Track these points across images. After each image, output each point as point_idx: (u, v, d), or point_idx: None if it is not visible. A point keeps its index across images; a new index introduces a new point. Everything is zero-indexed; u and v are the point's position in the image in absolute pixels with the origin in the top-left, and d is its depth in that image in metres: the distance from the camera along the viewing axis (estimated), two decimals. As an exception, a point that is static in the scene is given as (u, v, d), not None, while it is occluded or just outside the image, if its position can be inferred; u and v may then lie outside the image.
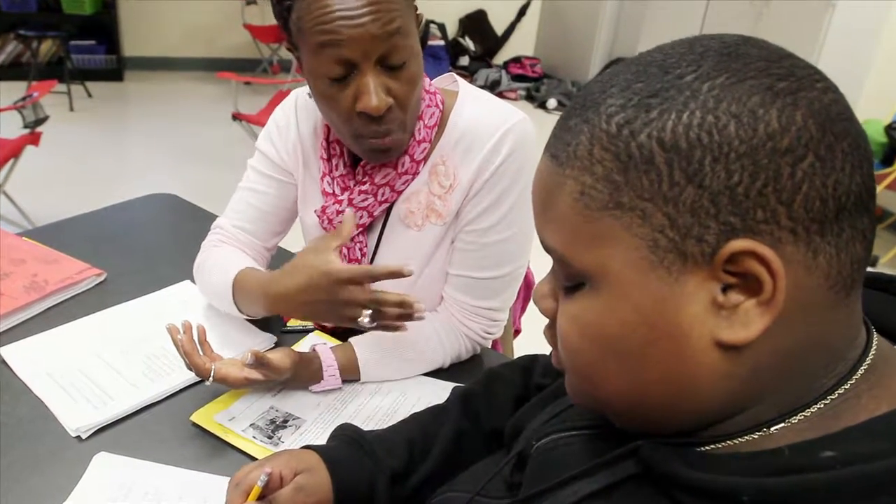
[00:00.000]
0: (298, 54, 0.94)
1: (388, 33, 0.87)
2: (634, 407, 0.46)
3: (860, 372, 0.43)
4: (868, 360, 0.43)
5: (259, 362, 0.88)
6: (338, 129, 0.97)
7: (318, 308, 0.90)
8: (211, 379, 0.89)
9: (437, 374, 1.05)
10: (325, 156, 1.07)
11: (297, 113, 1.11)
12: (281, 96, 3.50)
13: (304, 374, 0.96)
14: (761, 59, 0.40)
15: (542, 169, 0.46)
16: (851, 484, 0.37)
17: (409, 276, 0.84)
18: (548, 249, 0.47)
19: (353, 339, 1.02)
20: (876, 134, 3.44)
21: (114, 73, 5.11)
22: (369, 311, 0.88)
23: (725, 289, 0.40)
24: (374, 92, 0.89)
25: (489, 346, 1.12)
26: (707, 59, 0.40)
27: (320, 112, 0.99)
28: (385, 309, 0.89)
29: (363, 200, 1.03)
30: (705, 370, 0.42)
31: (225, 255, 1.09)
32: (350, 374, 1.00)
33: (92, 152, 3.91)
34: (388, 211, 1.07)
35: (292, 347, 1.02)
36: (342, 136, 0.98)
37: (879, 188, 3.26)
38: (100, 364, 1.01)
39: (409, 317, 0.90)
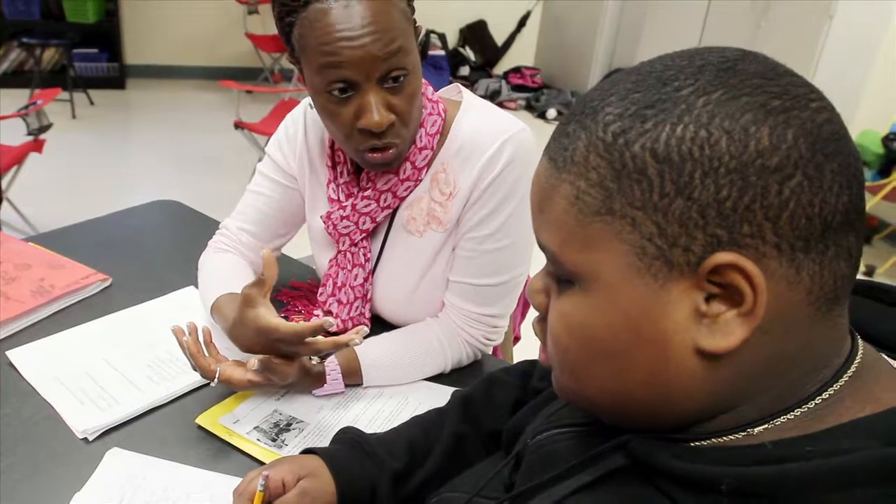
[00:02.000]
0: (301, 67, 0.96)
1: (390, 53, 0.88)
2: (619, 405, 0.48)
3: (844, 378, 0.44)
4: (853, 368, 0.44)
5: (264, 367, 0.89)
6: (339, 141, 0.99)
7: (275, 352, 0.90)
8: (216, 380, 0.90)
9: (438, 379, 1.07)
10: (330, 163, 1.09)
11: (305, 121, 1.13)
12: (283, 105, 3.52)
13: (308, 379, 0.98)
14: (758, 75, 0.41)
15: (541, 171, 0.48)
16: (828, 475, 0.38)
17: (330, 329, 0.84)
18: (542, 247, 0.48)
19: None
20: (873, 145, 3.46)
21: (116, 80, 5.14)
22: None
23: (709, 298, 0.42)
24: (375, 110, 0.90)
25: (490, 353, 1.13)
26: (705, 73, 0.41)
27: (322, 124, 1.01)
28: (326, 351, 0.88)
29: (366, 206, 1.05)
30: (686, 375, 0.43)
31: (218, 269, 1.12)
32: (353, 378, 1.01)
33: (94, 159, 3.92)
34: (392, 217, 1.09)
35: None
36: (343, 146, 0.99)
37: (876, 199, 3.27)
38: (106, 367, 1.02)
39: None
